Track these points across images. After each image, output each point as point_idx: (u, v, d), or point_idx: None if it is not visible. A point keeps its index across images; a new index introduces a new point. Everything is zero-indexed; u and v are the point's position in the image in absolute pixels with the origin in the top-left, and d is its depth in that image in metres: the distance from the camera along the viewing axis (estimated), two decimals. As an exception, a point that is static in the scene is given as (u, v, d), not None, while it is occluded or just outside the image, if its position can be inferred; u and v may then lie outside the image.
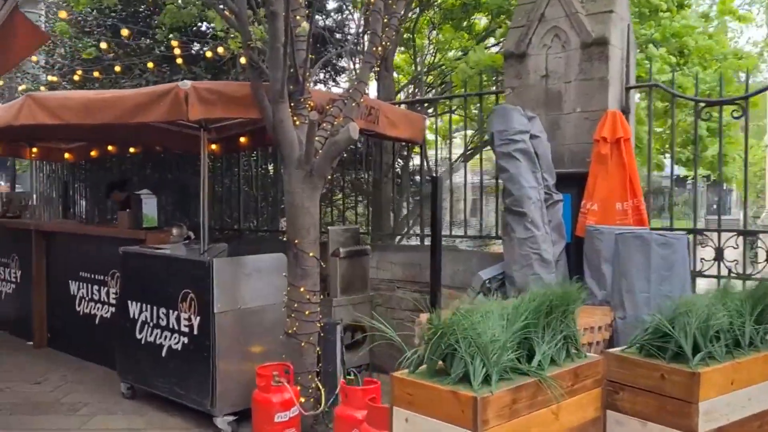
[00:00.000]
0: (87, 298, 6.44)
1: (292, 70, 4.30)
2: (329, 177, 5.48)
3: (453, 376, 2.54)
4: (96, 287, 6.31)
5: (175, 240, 5.99)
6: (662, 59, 7.44)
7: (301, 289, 4.34)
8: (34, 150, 9.38)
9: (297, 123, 4.36)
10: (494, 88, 6.88)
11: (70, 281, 6.65)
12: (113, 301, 6.08)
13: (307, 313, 4.37)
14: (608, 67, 4.94)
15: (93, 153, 9.42)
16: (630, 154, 4.73)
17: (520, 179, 4.55)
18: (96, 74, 7.61)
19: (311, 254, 4.36)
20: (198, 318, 4.54)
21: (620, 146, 4.69)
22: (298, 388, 4.27)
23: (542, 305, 2.95)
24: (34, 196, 11.99)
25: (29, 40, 3.37)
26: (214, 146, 7.83)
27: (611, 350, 3.27)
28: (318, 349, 4.50)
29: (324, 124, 4.43)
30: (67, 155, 9.79)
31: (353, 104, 4.50)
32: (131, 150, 8.96)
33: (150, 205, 5.56)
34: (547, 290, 3.03)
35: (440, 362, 2.65)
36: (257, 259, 4.76)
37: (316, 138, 4.25)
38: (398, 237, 7.23)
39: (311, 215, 4.38)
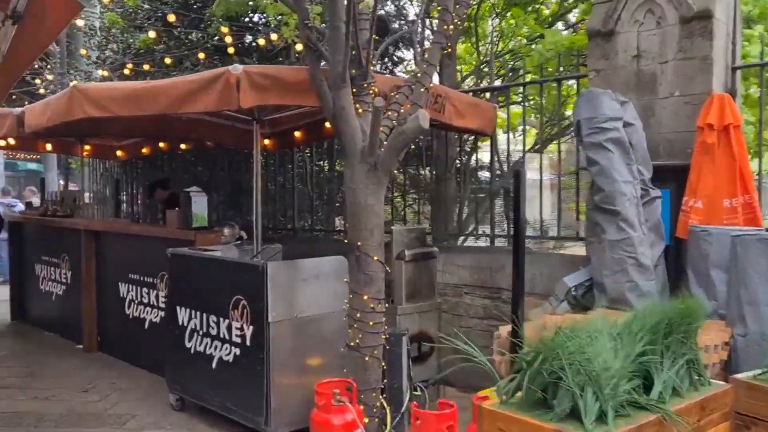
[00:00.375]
0: (136, 301, 6.21)
1: (354, 52, 3.90)
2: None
3: (558, 411, 2.10)
4: (145, 290, 6.07)
5: (227, 240, 5.69)
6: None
7: (365, 297, 3.94)
8: (87, 147, 9.31)
9: (360, 111, 3.96)
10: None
11: (119, 283, 6.44)
12: (162, 305, 5.82)
13: (371, 323, 3.96)
14: (712, 44, 4.36)
15: (144, 150, 9.28)
16: (741, 143, 4.15)
17: (612, 173, 4.03)
18: (146, 67, 7.41)
19: (375, 258, 3.95)
20: (251, 327, 4.19)
21: (729, 134, 4.12)
22: (362, 407, 3.86)
23: (660, 323, 2.47)
24: (87, 194, 12.02)
25: (62, 10, 3.09)
26: (267, 141, 7.52)
27: (739, 376, 2.75)
28: (383, 363, 4.09)
29: (389, 113, 4.01)
30: (119, 153, 9.69)
31: (422, 89, 4.06)
32: (182, 146, 8.77)
33: (200, 204, 5.26)
34: (663, 305, 2.56)
35: (539, 392, 2.20)
36: (315, 263, 4.38)
37: (381, 128, 3.84)
38: (462, 237, 6.76)
39: (376, 214, 3.97)
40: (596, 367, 2.14)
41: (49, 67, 10.54)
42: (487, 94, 6.16)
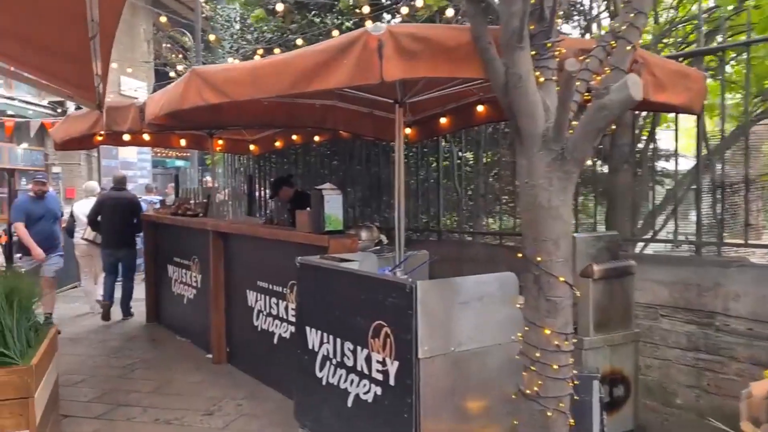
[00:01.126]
0: (264, 312, 5.61)
1: (533, 1, 2.92)
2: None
3: None
4: (274, 300, 5.44)
5: (365, 246, 4.90)
6: None
7: (547, 332, 2.95)
8: (219, 142, 8.99)
9: (541, 80, 2.97)
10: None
11: (247, 291, 5.88)
12: (292, 319, 5.16)
13: (555, 367, 2.96)
14: None
15: (277, 144, 8.81)
16: None
17: None
18: (277, 51, 6.82)
19: (562, 279, 2.95)
20: (396, 363, 3.33)
21: None
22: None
23: None
24: (224, 191, 11.87)
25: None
26: (408, 130, 6.69)
27: None
28: (570, 419, 3.08)
29: (577, 84, 2.99)
30: (252, 147, 9.32)
31: (627, 47, 2.99)
32: (316, 139, 8.16)
33: (334, 203, 4.50)
34: None
35: None
36: (478, 282, 3.44)
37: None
38: (643, 244, 5.52)
39: (562, 220, 2.96)
40: None
41: (186, 59, 10.41)
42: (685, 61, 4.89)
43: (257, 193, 10.24)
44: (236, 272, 6.15)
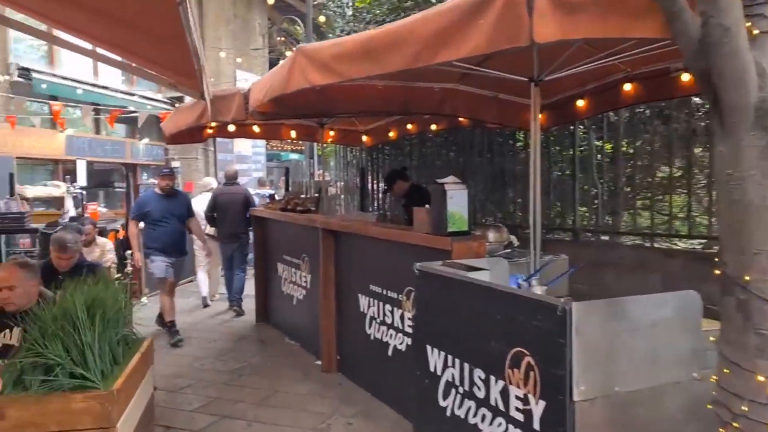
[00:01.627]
0: (378, 320, 5.08)
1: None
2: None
3: None
4: (388, 307, 4.89)
5: (493, 249, 4.25)
6: None
7: (760, 378, 2.18)
8: (331, 133, 8.59)
9: (754, 33, 2.19)
10: None
11: (359, 295, 5.38)
12: (408, 330, 4.59)
13: (770, 425, 2.19)
14: None
15: (391, 134, 8.29)
16: None
17: None
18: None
19: (782, 306, 2.16)
20: (542, 403, 2.66)
21: None
22: None
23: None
24: (336, 185, 11.54)
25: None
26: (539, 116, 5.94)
27: None
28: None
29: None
30: (364, 138, 8.86)
31: None
32: (432, 128, 7.56)
33: (458, 200, 3.86)
34: None
35: None
36: (650, 303, 2.69)
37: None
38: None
39: (782, 225, 2.18)
40: None
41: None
42: None
43: (370, 187, 9.79)
44: (347, 274, 5.66)
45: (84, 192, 9.70)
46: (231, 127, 6.54)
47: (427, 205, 4.29)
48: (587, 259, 5.16)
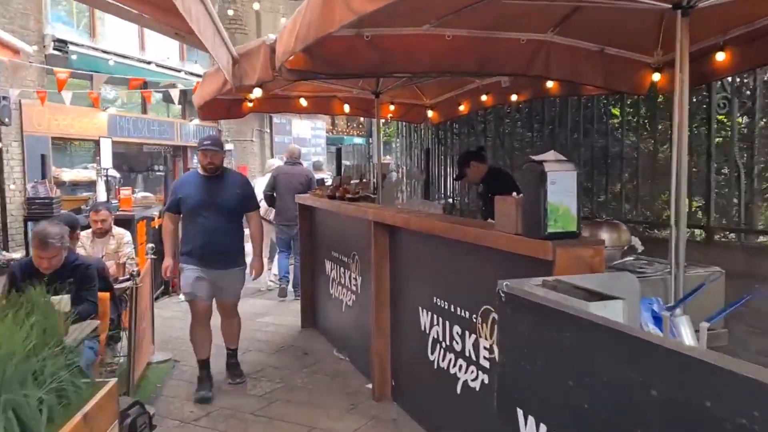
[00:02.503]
0: (443, 344, 3.90)
1: None
2: None
3: None
4: (457, 329, 3.71)
5: (609, 256, 2.99)
6: None
7: None
8: (391, 108, 7.44)
9: None
10: None
11: (419, 309, 4.21)
12: (485, 364, 3.40)
13: None
14: None
15: (462, 108, 7.06)
16: None
17: None
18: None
19: None
20: None
21: None
22: None
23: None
24: (401, 169, 10.39)
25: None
26: (657, 76, 4.61)
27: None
28: None
29: None
30: (430, 113, 7.66)
31: None
32: (513, 99, 6.27)
33: (564, 186, 2.62)
34: None
35: None
36: None
37: None
38: None
39: None
40: None
41: None
42: None
43: (436, 171, 8.58)
44: (405, 280, 4.50)
45: (117, 176, 8.90)
46: (257, 91, 5.22)
47: (513, 194, 3.06)
48: (726, 267, 3.82)
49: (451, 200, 8.32)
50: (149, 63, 11.34)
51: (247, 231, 5.39)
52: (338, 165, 7.56)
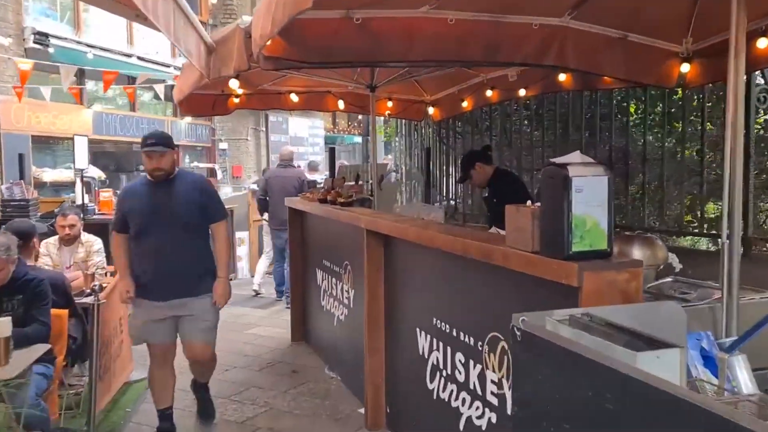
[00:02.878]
0: (444, 373, 3.41)
1: None
2: None
3: None
4: (460, 357, 3.22)
5: (646, 279, 2.49)
6: None
7: None
8: (389, 104, 6.96)
9: None
10: None
11: (417, 331, 3.72)
12: (493, 401, 2.91)
13: None
14: None
15: (465, 104, 6.58)
16: None
17: None
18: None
19: None
20: None
21: None
22: None
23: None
24: (398, 169, 9.90)
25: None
26: (686, 67, 4.13)
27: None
28: None
29: None
30: (431, 110, 7.18)
31: None
32: (521, 93, 5.78)
33: (593, 194, 2.13)
34: None
35: None
36: None
37: None
38: None
39: None
40: None
41: None
42: None
43: (437, 172, 8.09)
44: (402, 296, 4.01)
45: (97, 177, 8.41)
46: (234, 83, 4.60)
47: (528, 202, 2.57)
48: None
49: (453, 203, 7.83)
50: (130, 56, 10.74)
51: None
52: (331, 166, 7.05)
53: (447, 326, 3.34)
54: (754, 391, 1.94)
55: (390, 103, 6.88)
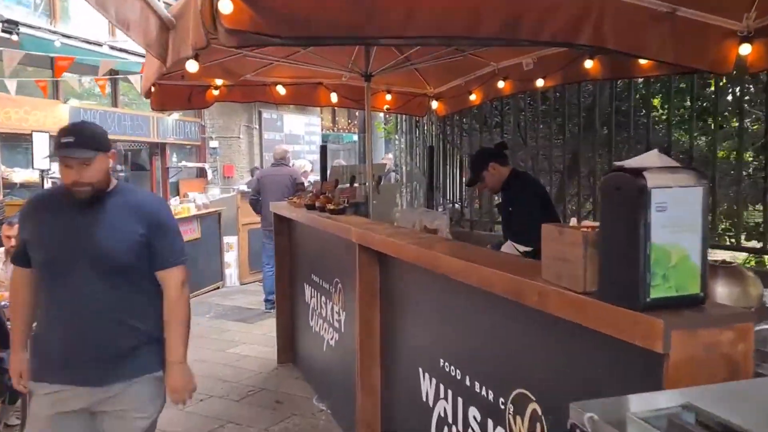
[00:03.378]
0: (456, 427, 2.72)
1: None
2: None
3: None
4: (475, 413, 2.53)
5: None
6: None
7: None
8: (387, 97, 6.29)
9: None
10: None
11: (420, 371, 3.03)
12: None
13: None
14: None
15: (473, 97, 5.89)
16: None
17: None
18: None
19: None
20: None
21: None
22: None
23: None
24: (398, 170, 9.21)
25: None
26: (747, 49, 3.44)
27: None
28: None
29: None
30: (435, 104, 6.51)
31: None
32: (539, 84, 5.09)
33: (681, 214, 1.45)
34: None
35: None
36: None
37: None
38: None
39: None
40: None
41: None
42: None
43: (441, 173, 7.40)
44: (402, 327, 3.32)
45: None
46: (192, 64, 3.79)
47: (573, 219, 1.87)
48: None
49: (458, 207, 7.15)
50: (101, 45, 9.92)
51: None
52: (322, 166, 6.36)
53: (457, 372, 2.65)
54: None
55: (389, 97, 6.19)
